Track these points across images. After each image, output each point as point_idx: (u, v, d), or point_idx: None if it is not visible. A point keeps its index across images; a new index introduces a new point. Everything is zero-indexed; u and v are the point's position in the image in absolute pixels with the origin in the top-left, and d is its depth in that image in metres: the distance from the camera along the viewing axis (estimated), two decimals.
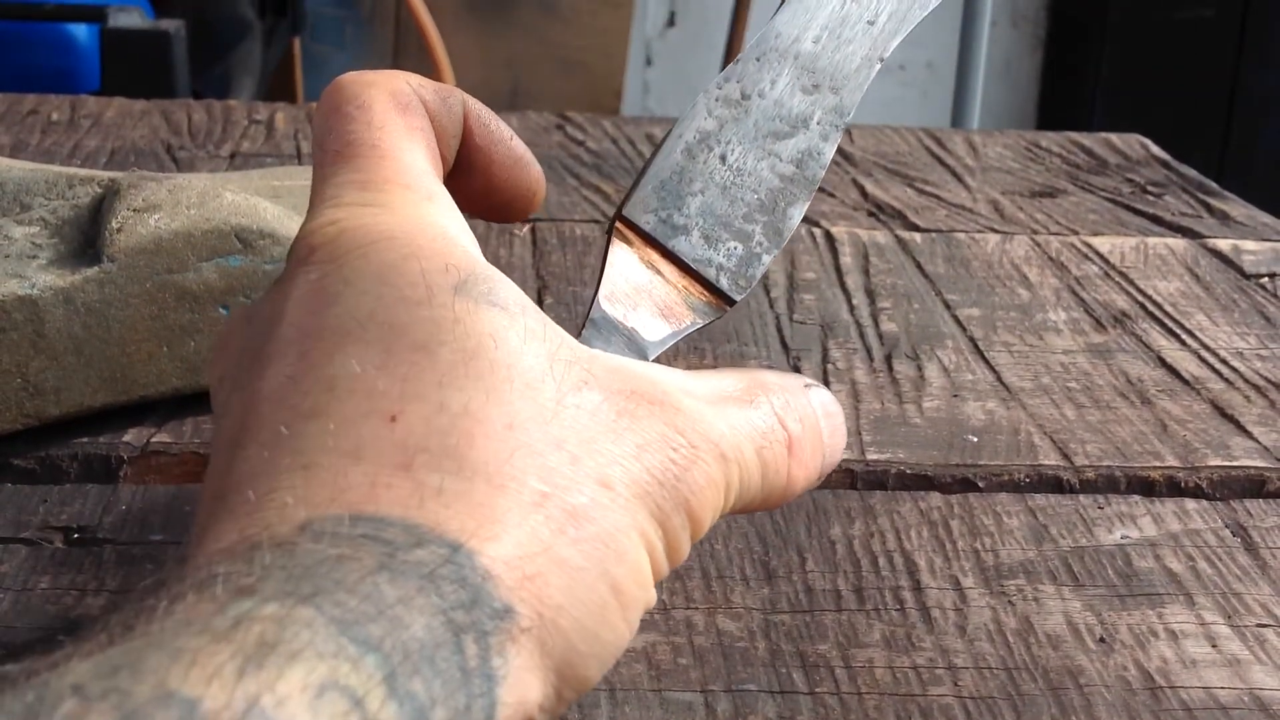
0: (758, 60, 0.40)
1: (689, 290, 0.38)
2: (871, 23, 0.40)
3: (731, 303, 0.39)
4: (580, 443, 0.31)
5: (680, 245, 0.38)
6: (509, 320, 0.32)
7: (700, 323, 0.38)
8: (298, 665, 0.24)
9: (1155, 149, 0.99)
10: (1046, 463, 0.54)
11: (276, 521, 0.28)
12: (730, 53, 2.48)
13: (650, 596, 0.32)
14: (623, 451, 0.31)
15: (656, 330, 0.38)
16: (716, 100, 0.39)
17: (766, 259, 0.39)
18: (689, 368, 0.61)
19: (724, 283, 0.39)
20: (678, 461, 0.32)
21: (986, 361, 0.63)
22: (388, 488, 0.28)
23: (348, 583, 0.26)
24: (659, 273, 0.38)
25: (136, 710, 0.22)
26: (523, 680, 0.28)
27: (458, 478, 0.29)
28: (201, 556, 0.28)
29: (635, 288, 0.38)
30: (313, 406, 0.30)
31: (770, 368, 0.61)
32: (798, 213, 0.39)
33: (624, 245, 0.38)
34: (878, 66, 0.40)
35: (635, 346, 0.38)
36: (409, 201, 0.34)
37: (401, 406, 0.30)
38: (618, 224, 0.39)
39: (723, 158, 0.39)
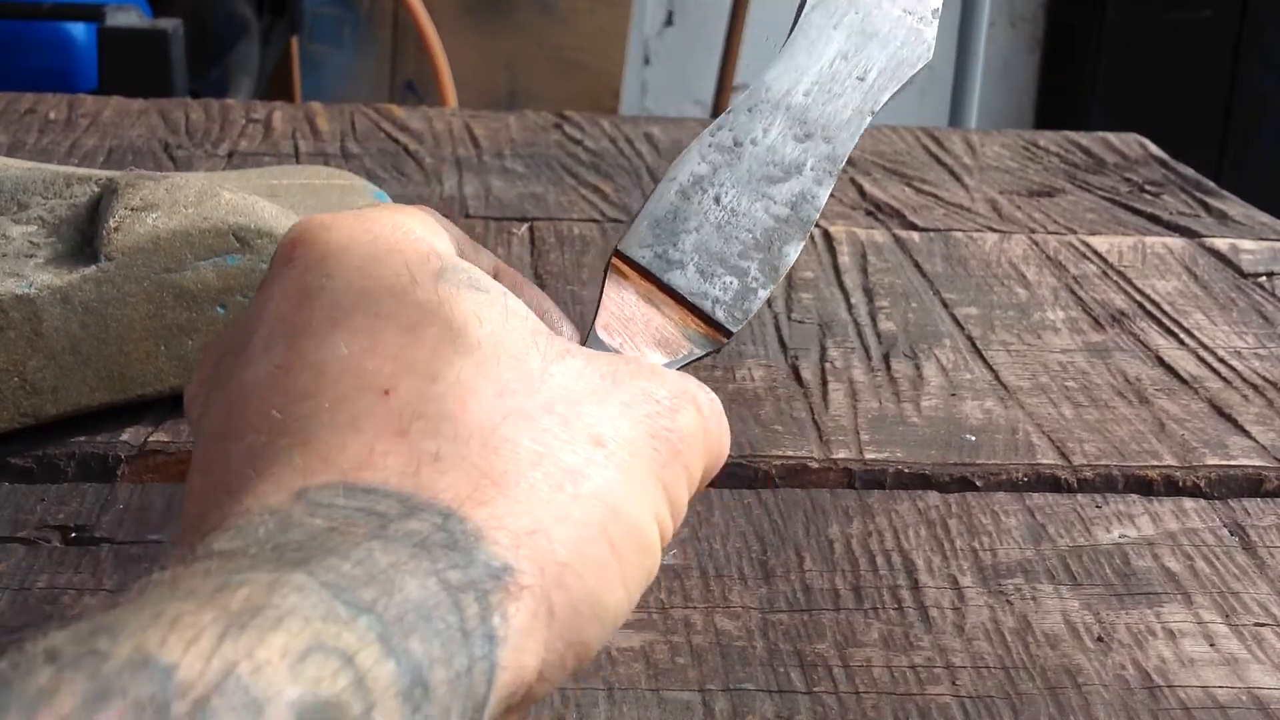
0: (749, 111, 0.40)
1: (685, 322, 0.39)
2: (861, 79, 0.41)
3: (728, 334, 0.39)
4: (569, 405, 0.31)
5: (676, 279, 0.39)
6: (490, 301, 0.32)
7: (698, 353, 0.39)
8: (282, 629, 0.23)
9: (1153, 148, 0.99)
10: (1044, 462, 0.54)
11: (273, 491, 0.28)
12: (728, 52, 2.48)
13: (651, 563, 0.32)
14: (610, 411, 0.32)
15: (653, 360, 0.38)
16: (709, 147, 0.40)
17: (763, 294, 0.39)
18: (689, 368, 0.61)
19: (720, 315, 0.39)
20: (662, 413, 0.33)
21: (984, 361, 0.63)
22: (385, 455, 0.29)
23: (340, 550, 0.26)
24: (655, 306, 0.39)
25: (109, 677, 0.22)
26: (524, 645, 0.28)
27: (453, 442, 0.29)
28: (198, 536, 0.28)
29: (631, 319, 0.38)
30: (304, 389, 0.30)
31: (769, 367, 0.61)
32: (793, 251, 0.40)
33: (620, 279, 0.39)
34: (869, 119, 0.41)
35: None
36: (388, 209, 0.35)
37: (394, 382, 0.30)
38: (614, 260, 0.39)
39: (717, 199, 0.39)
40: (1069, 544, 0.49)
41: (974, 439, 0.56)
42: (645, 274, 0.39)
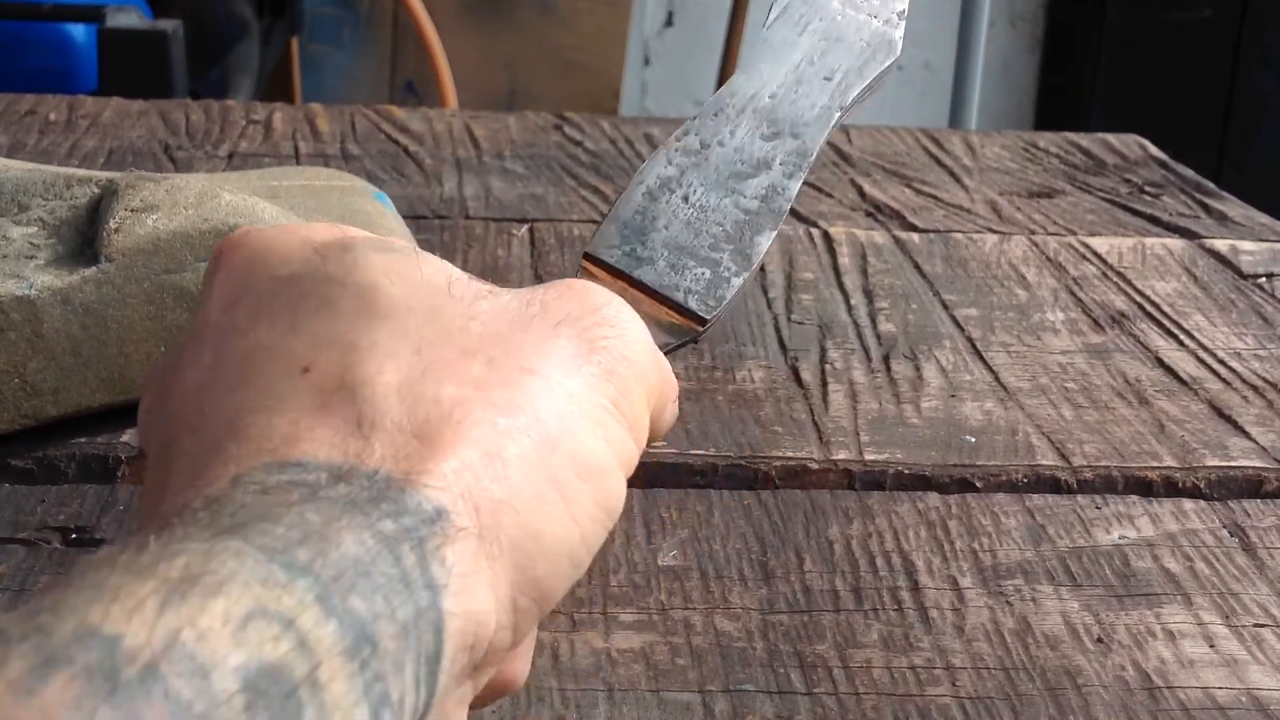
0: (715, 115, 0.40)
1: (659, 314, 0.39)
2: (829, 79, 0.41)
3: (702, 322, 0.39)
4: (495, 343, 0.31)
5: (646, 274, 0.39)
6: (402, 258, 0.33)
7: (673, 343, 0.39)
8: (222, 595, 0.24)
9: (1153, 149, 0.99)
10: (1044, 463, 0.54)
11: (213, 483, 0.28)
12: (728, 52, 2.48)
13: (606, 490, 0.31)
14: (540, 336, 0.32)
15: None
16: (676, 150, 0.40)
17: (736, 281, 0.39)
18: (688, 368, 0.61)
19: (693, 303, 0.39)
20: (595, 327, 0.32)
21: (984, 362, 0.63)
22: (310, 429, 0.29)
23: (273, 515, 0.26)
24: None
25: (56, 650, 0.22)
26: (469, 589, 0.28)
27: (373, 405, 0.29)
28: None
29: None
30: (231, 382, 0.31)
31: (769, 368, 0.61)
32: (765, 240, 0.39)
33: (590, 280, 0.39)
34: (839, 115, 0.41)
35: None
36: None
37: (313, 358, 0.30)
38: (584, 263, 0.39)
39: (685, 198, 0.39)
40: (1069, 545, 0.50)
41: (974, 440, 0.56)
42: (615, 272, 0.39)
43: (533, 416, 0.30)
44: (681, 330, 0.39)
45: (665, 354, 0.38)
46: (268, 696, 0.23)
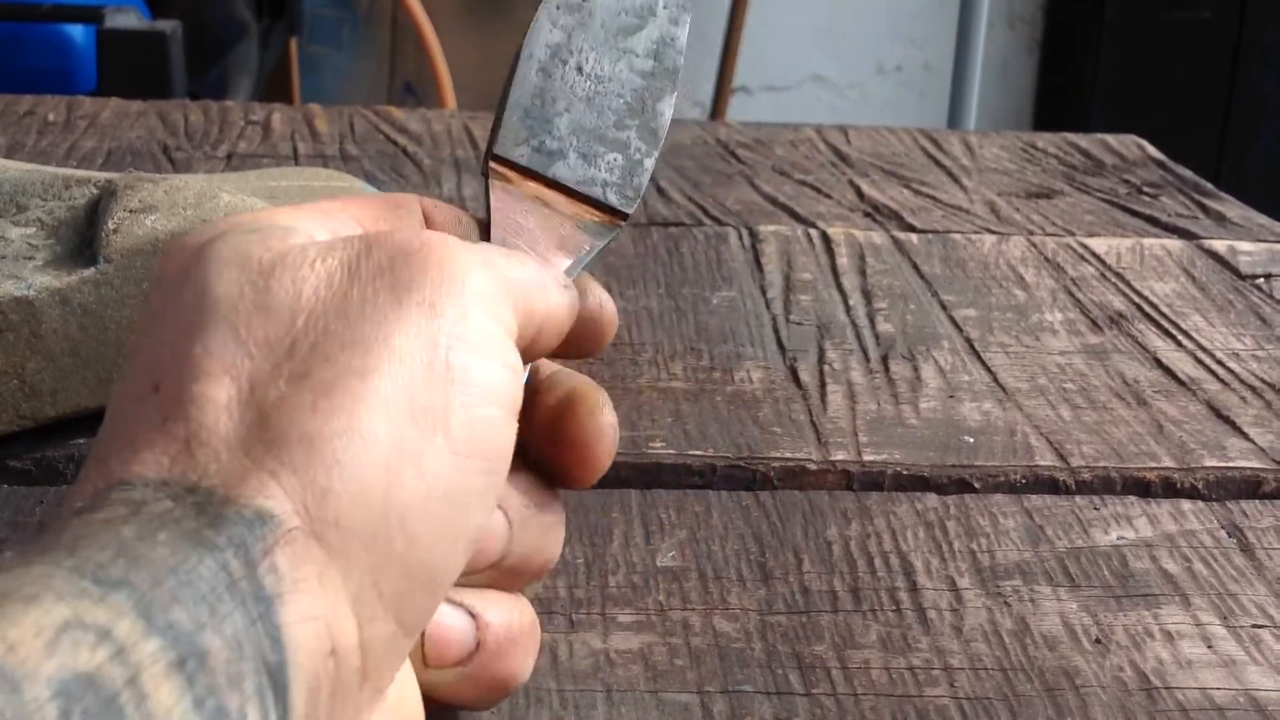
0: None
1: (579, 214, 0.38)
2: None
3: (624, 216, 0.38)
4: (317, 325, 0.30)
5: (560, 170, 0.38)
6: (250, 238, 0.32)
7: (599, 244, 0.38)
8: (33, 610, 0.24)
9: (1152, 150, 0.99)
10: (1042, 464, 0.54)
11: (66, 511, 0.28)
12: (728, 50, 2.48)
13: (467, 431, 0.30)
14: (359, 299, 0.30)
15: (558, 264, 0.37)
16: (558, 9, 0.38)
17: (649, 163, 0.38)
18: (686, 369, 0.61)
19: (612, 198, 0.38)
20: (410, 260, 0.31)
21: (983, 362, 0.63)
22: (144, 449, 0.29)
23: (87, 535, 0.26)
24: (545, 204, 0.38)
25: None
26: (312, 590, 0.27)
27: (200, 422, 0.29)
28: None
29: (524, 226, 0.37)
30: (111, 406, 0.31)
31: (768, 369, 0.61)
32: (667, 108, 0.38)
33: (503, 184, 0.37)
34: None
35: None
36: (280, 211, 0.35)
37: (161, 375, 0.30)
38: (492, 164, 0.38)
39: (579, 68, 0.38)
40: (1067, 546, 0.50)
41: (972, 441, 0.56)
42: (527, 172, 0.37)
43: (356, 387, 0.29)
44: (605, 229, 0.38)
45: (592, 258, 0.37)
46: (84, 703, 0.23)
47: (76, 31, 1.57)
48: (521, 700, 0.40)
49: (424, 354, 0.30)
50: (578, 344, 0.37)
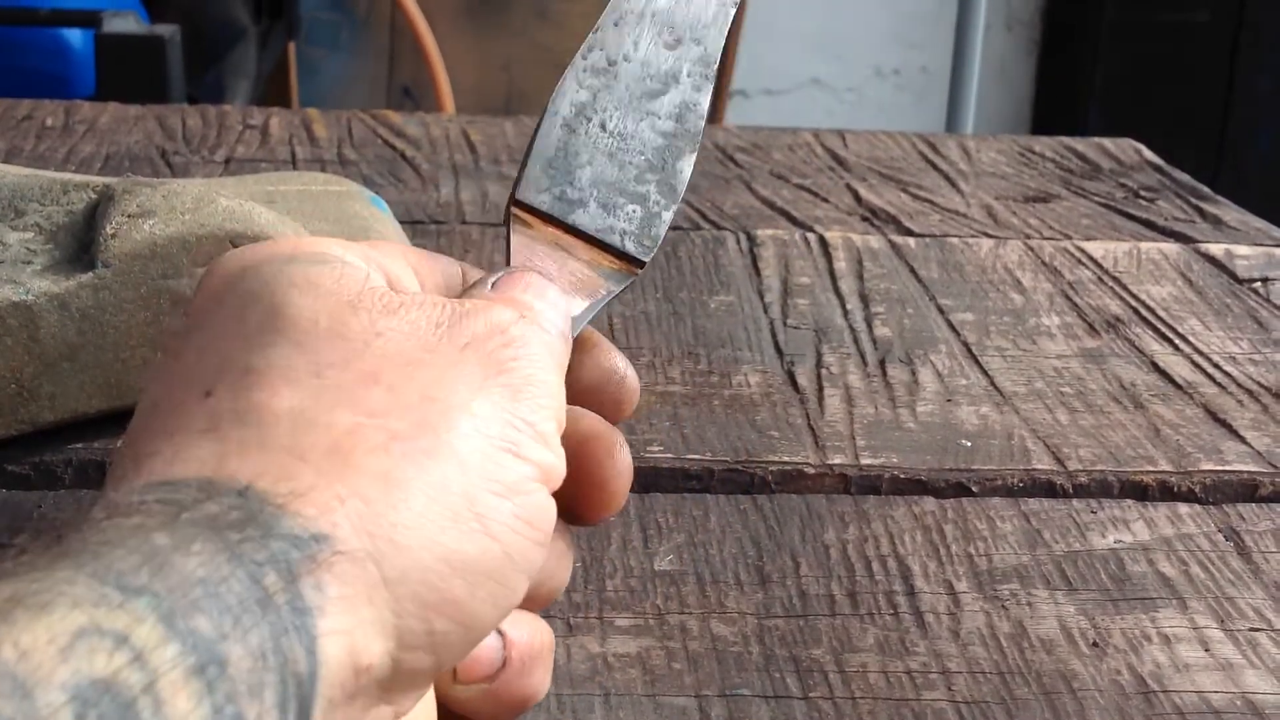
0: (616, 25, 0.40)
1: (598, 261, 0.39)
2: None
3: (640, 265, 0.39)
4: (397, 368, 0.31)
5: (580, 218, 0.39)
6: (322, 270, 0.32)
7: (615, 290, 0.39)
8: (47, 615, 0.23)
9: (1149, 154, 0.99)
10: (1040, 467, 0.54)
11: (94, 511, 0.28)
12: (725, 57, 2.48)
13: (525, 503, 0.31)
14: (445, 359, 0.31)
15: (574, 306, 0.38)
16: (584, 71, 0.39)
17: (667, 216, 0.39)
18: (684, 373, 0.61)
19: (630, 246, 0.39)
20: (506, 345, 0.32)
21: (980, 366, 0.64)
22: (192, 449, 0.29)
23: (115, 539, 0.26)
24: (564, 249, 0.39)
25: None
26: (352, 611, 0.28)
27: (259, 429, 0.29)
28: None
29: (544, 270, 0.38)
30: (148, 406, 0.31)
31: (765, 373, 0.62)
32: (687, 166, 0.40)
33: (524, 229, 0.38)
34: (733, 11, 0.41)
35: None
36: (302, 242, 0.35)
37: (215, 381, 0.30)
38: (514, 210, 0.39)
39: (603, 125, 0.39)
40: (1064, 549, 0.50)
41: (970, 444, 0.56)
42: (547, 218, 0.39)
43: (435, 440, 0.30)
44: (621, 276, 0.39)
45: (607, 303, 0.38)
46: (100, 709, 0.23)
47: (75, 36, 1.57)
48: None
49: (500, 429, 0.31)
50: (601, 411, 0.38)
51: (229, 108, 0.98)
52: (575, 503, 0.37)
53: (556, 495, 0.37)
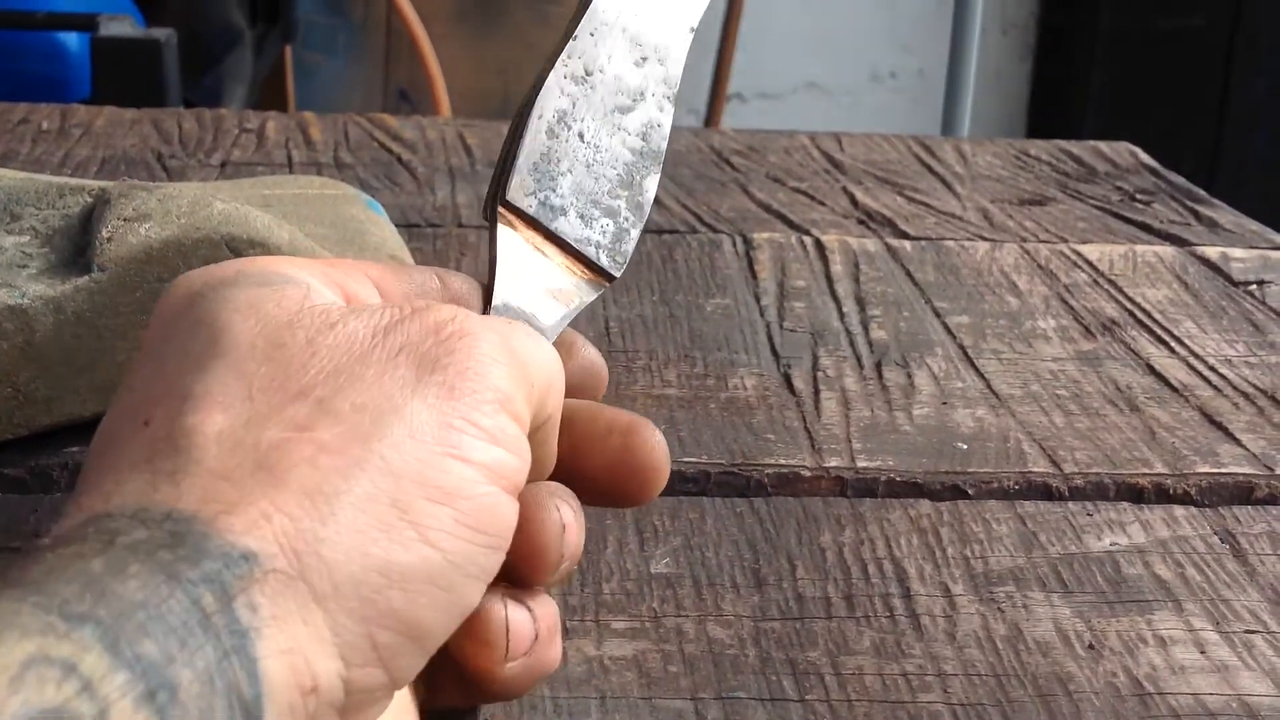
0: (592, 35, 0.41)
1: (572, 269, 0.40)
2: None
3: (610, 279, 0.40)
4: (329, 381, 0.30)
5: (562, 226, 0.39)
6: (264, 292, 0.32)
7: (586, 300, 0.40)
8: None
9: (1144, 157, 0.99)
10: (1036, 470, 0.54)
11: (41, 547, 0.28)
12: (722, 57, 2.48)
13: (473, 506, 0.30)
14: (377, 369, 0.31)
15: (552, 313, 0.39)
16: (565, 78, 0.40)
17: (634, 233, 0.40)
18: (680, 376, 0.61)
19: (604, 260, 0.40)
20: (439, 344, 0.32)
21: (976, 369, 0.64)
22: (127, 482, 0.29)
23: (55, 570, 0.26)
24: (544, 255, 0.39)
25: None
26: (289, 630, 0.27)
27: (189, 454, 0.29)
28: None
29: (527, 272, 0.39)
30: (100, 438, 0.31)
31: (762, 376, 0.62)
32: (652, 186, 0.41)
33: (510, 229, 0.39)
34: (690, 36, 0.42)
35: (535, 331, 0.39)
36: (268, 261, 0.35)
37: (153, 410, 0.30)
38: (500, 208, 0.39)
39: (580, 135, 0.40)
40: (1060, 552, 0.50)
41: (965, 447, 0.56)
42: (530, 222, 0.39)
43: (364, 450, 0.29)
44: (592, 287, 0.40)
45: (578, 313, 0.39)
46: None
47: (71, 39, 1.57)
48: (516, 707, 0.40)
49: (436, 431, 0.30)
50: (574, 396, 0.39)
51: (225, 111, 0.98)
52: (623, 489, 0.38)
53: (595, 485, 0.38)
